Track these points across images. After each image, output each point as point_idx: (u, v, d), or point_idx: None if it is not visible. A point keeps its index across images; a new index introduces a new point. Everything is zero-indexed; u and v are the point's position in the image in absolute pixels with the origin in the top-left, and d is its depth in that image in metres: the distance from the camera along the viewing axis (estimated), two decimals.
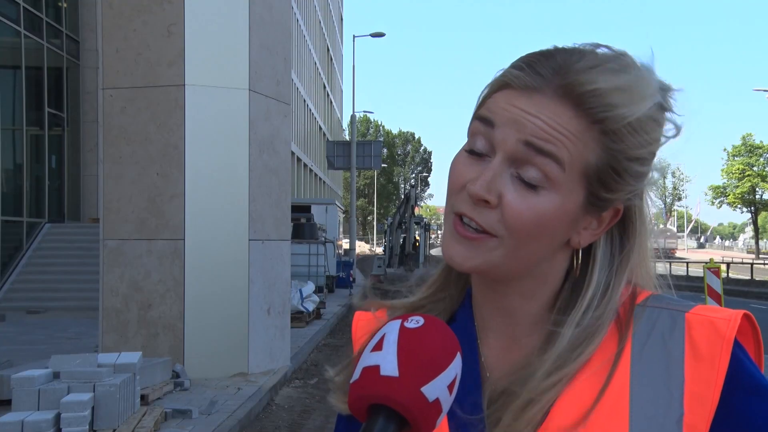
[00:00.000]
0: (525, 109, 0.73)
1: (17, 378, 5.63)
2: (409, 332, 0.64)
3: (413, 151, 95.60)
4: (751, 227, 71.93)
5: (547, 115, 0.72)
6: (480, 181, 0.73)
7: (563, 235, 0.77)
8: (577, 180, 0.74)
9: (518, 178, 0.73)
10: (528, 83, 0.73)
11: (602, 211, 0.77)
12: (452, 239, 0.76)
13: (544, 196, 0.73)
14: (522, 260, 0.76)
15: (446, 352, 0.64)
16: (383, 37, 35.81)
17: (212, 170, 8.14)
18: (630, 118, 0.72)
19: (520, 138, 0.72)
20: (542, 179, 0.73)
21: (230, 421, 6.38)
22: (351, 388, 0.64)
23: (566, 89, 0.72)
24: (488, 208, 0.74)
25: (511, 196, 0.73)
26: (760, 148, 60.91)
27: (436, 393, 0.62)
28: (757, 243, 67.16)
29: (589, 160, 0.73)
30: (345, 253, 28.06)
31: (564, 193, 0.74)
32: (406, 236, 20.19)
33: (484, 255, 0.75)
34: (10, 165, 17.46)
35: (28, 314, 14.18)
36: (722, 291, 9.67)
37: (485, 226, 0.74)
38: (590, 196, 0.75)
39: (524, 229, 0.73)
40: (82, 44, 20.02)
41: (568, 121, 0.72)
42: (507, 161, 0.73)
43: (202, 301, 8.01)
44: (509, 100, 0.74)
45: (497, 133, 0.74)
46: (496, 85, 0.77)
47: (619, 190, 0.76)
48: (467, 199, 0.74)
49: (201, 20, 8.09)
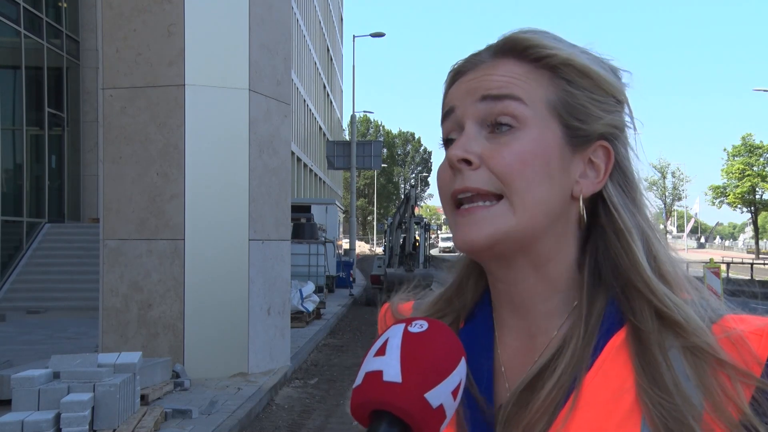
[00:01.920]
0: (474, 77, 0.79)
1: (17, 378, 5.62)
2: (412, 337, 0.63)
3: (413, 151, 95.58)
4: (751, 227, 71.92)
5: (495, 71, 0.78)
6: (455, 145, 0.76)
7: (560, 178, 0.76)
8: (546, 115, 0.76)
9: (492, 135, 0.76)
10: (472, 60, 0.81)
11: (586, 145, 0.78)
12: (459, 224, 0.76)
13: (519, 135, 0.75)
14: (529, 213, 0.75)
15: (450, 357, 0.63)
16: (383, 37, 35.81)
17: (212, 170, 8.14)
18: (563, 53, 0.77)
19: (475, 99, 0.77)
20: (511, 120, 0.75)
21: (230, 421, 6.38)
22: (353, 393, 0.63)
23: (502, 48, 0.79)
24: (473, 171, 0.75)
25: (488, 149, 0.75)
26: (760, 148, 60.85)
27: (439, 399, 0.61)
28: (757, 243, 67.10)
29: (548, 96, 0.77)
30: (345, 253, 28.06)
31: (538, 128, 0.76)
32: (406, 236, 20.13)
33: (491, 222, 0.74)
34: (10, 165, 17.46)
35: (28, 314, 14.18)
36: (722, 291, 9.67)
37: (478, 186, 0.75)
38: (567, 130, 0.77)
39: (514, 172, 0.74)
40: (82, 44, 20.02)
41: (512, 68, 0.77)
42: (477, 125, 0.77)
43: (202, 301, 8.01)
44: (460, 83, 0.80)
45: (458, 111, 0.78)
46: (447, 82, 0.82)
47: (591, 121, 0.78)
48: (453, 178, 0.76)
49: (201, 20, 8.09)
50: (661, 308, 0.73)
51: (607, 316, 0.76)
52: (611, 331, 0.75)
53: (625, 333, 0.74)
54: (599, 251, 0.79)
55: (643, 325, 0.73)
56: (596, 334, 0.75)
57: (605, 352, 0.74)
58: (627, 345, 0.73)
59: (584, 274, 0.78)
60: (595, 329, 0.75)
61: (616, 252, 0.77)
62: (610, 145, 0.79)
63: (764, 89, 39.00)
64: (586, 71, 0.78)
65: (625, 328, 0.75)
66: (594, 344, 0.74)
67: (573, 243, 0.79)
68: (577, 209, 0.78)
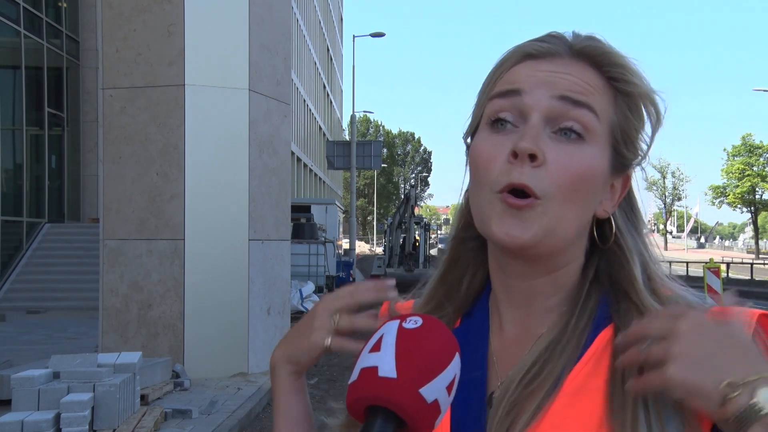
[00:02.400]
0: (552, 70, 0.76)
1: (17, 378, 5.62)
2: (407, 333, 0.64)
3: (413, 151, 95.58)
4: (751, 227, 71.94)
5: (576, 73, 0.76)
6: (527, 136, 0.73)
7: (596, 199, 0.78)
8: (606, 135, 0.77)
9: (556, 136, 0.75)
10: (549, 49, 0.78)
11: (621, 173, 0.80)
12: (501, 214, 0.74)
13: (587, 149, 0.75)
14: (567, 226, 0.75)
15: (445, 353, 0.64)
16: (383, 37, 35.82)
17: (212, 170, 8.14)
18: (641, 87, 0.78)
19: (554, 94, 0.75)
20: (583, 130, 0.75)
21: (230, 421, 6.38)
22: (349, 389, 0.64)
23: (583, 52, 0.77)
24: (534, 168, 0.73)
25: (555, 151, 0.74)
26: (759, 148, 60.89)
27: (434, 394, 0.62)
28: (756, 243, 67.13)
29: (612, 115, 0.77)
30: (345, 253, 28.05)
31: (601, 148, 0.76)
32: (406, 236, 20.15)
33: (537, 222, 0.74)
34: (10, 165, 17.47)
35: (28, 314, 14.18)
36: (722, 291, 9.67)
37: (533, 186, 0.73)
38: (615, 155, 0.78)
39: (571, 184, 0.74)
40: (82, 44, 20.03)
41: (591, 77, 0.77)
42: (543, 120, 0.75)
43: (202, 301, 8.01)
44: (533, 67, 0.77)
45: (527, 98, 0.76)
46: (512, 58, 0.79)
47: (634, 153, 0.79)
48: (510, 168, 0.73)
49: (201, 20, 8.10)
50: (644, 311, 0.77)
51: (598, 314, 0.79)
52: (600, 328, 0.78)
53: (612, 330, 0.77)
54: (601, 261, 0.82)
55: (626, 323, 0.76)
56: (587, 330, 0.78)
57: (593, 347, 0.76)
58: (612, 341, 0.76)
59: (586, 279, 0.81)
60: (586, 325, 0.78)
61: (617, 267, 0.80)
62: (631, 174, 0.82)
63: (764, 89, 39.02)
64: (656, 110, 0.79)
65: (612, 326, 0.78)
66: (584, 339, 0.77)
67: (582, 252, 0.82)
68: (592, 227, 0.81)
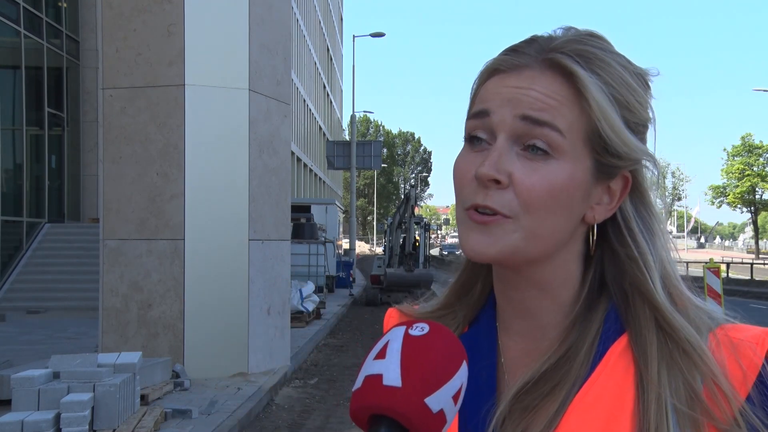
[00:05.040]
0: (517, 85, 0.74)
1: (17, 378, 5.62)
2: (413, 340, 0.62)
3: (413, 151, 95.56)
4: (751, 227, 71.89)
5: (540, 86, 0.74)
6: (487, 162, 0.73)
7: (578, 208, 0.76)
8: (581, 146, 0.74)
9: (524, 153, 0.74)
10: (516, 62, 0.76)
11: (611, 178, 0.77)
12: (468, 229, 0.75)
13: (554, 165, 0.73)
14: (542, 240, 0.75)
15: (451, 362, 0.62)
16: (383, 37, 35.80)
17: (212, 170, 8.13)
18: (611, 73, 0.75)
19: (516, 114, 0.74)
20: (547, 147, 0.73)
21: (230, 421, 6.38)
22: (353, 396, 0.62)
23: (552, 62, 0.74)
24: (500, 190, 0.73)
25: (520, 171, 0.73)
26: (759, 148, 60.87)
27: (440, 404, 0.60)
28: (756, 243, 67.11)
29: (586, 126, 0.74)
30: (345, 253, 28.06)
31: (571, 161, 0.74)
32: (406, 236, 20.12)
33: (504, 239, 0.73)
34: (10, 165, 17.45)
35: (28, 314, 14.17)
36: (722, 291, 9.67)
37: (499, 208, 0.73)
38: (597, 163, 0.75)
39: (539, 202, 0.73)
40: (82, 44, 20.01)
41: (560, 89, 0.74)
42: (510, 140, 0.74)
43: (202, 301, 8.01)
44: (500, 83, 0.76)
45: (494, 117, 0.75)
46: (484, 75, 0.78)
47: (620, 155, 0.76)
48: (477, 189, 0.74)
49: (201, 20, 8.09)
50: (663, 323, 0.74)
51: (607, 323, 0.77)
52: (611, 339, 0.76)
53: (627, 340, 0.75)
54: (605, 268, 0.79)
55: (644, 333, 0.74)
56: (597, 341, 0.76)
57: (606, 358, 0.75)
58: (628, 352, 0.75)
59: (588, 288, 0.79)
60: (596, 336, 0.76)
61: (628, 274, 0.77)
62: (630, 173, 0.78)
63: (764, 89, 38.99)
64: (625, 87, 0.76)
65: (626, 336, 0.76)
66: (595, 351, 0.75)
67: (578, 263, 0.80)
68: (584, 231, 0.79)
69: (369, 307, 18.15)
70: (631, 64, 0.78)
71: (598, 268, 0.80)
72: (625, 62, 0.77)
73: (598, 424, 0.71)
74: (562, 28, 0.79)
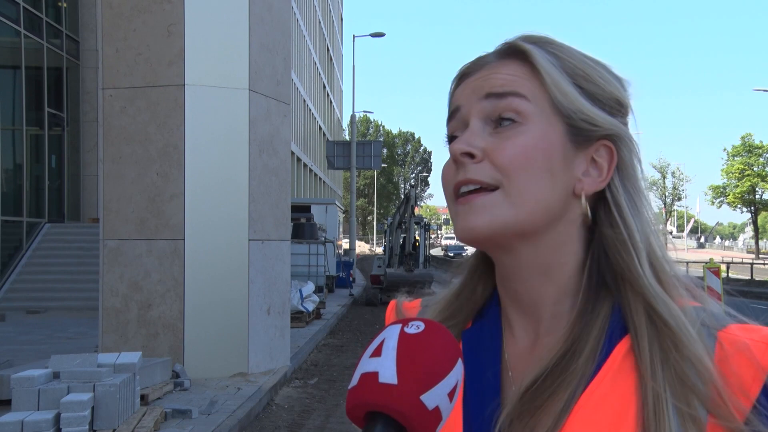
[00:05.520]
0: (479, 77, 0.80)
1: (17, 378, 5.62)
2: (409, 338, 0.63)
3: (413, 151, 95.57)
4: (751, 227, 71.90)
5: (498, 71, 0.80)
6: (459, 139, 0.78)
7: (561, 174, 0.77)
8: (549, 113, 0.78)
9: (495, 131, 0.78)
10: (477, 62, 0.82)
11: (588, 143, 0.79)
12: (459, 213, 0.78)
13: (523, 129, 0.77)
14: (528, 206, 0.75)
15: (447, 359, 0.62)
16: (383, 37, 35.81)
17: (212, 170, 8.13)
18: (566, 52, 0.80)
19: (480, 96, 0.79)
20: (515, 115, 0.77)
21: (230, 421, 6.38)
22: (349, 394, 0.62)
23: (507, 50, 0.81)
24: (476, 164, 0.76)
25: (492, 143, 0.77)
26: (759, 148, 60.86)
27: (435, 401, 0.61)
28: (756, 243, 67.10)
29: (551, 95, 0.78)
30: (345, 253, 28.05)
31: (542, 124, 0.77)
32: (406, 236, 20.13)
33: (491, 211, 0.75)
34: (10, 165, 17.46)
35: (28, 314, 14.17)
36: (722, 291, 9.67)
37: (480, 178, 0.76)
38: (569, 128, 0.78)
39: (517, 165, 0.75)
40: (82, 44, 20.01)
41: (517, 69, 0.79)
42: (481, 122, 0.78)
43: (202, 301, 8.01)
44: (466, 84, 0.82)
45: (463, 109, 0.80)
46: (453, 83, 0.85)
47: (589, 119, 0.78)
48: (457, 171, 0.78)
49: (201, 20, 8.09)
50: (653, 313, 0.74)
51: (612, 322, 0.76)
52: (616, 338, 0.75)
53: (630, 341, 0.75)
54: (601, 253, 0.79)
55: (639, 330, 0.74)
56: (602, 339, 0.75)
57: (612, 358, 0.74)
58: (632, 353, 0.74)
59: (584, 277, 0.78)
60: (601, 334, 0.75)
61: (615, 254, 0.77)
62: (614, 145, 0.79)
63: (764, 89, 38.98)
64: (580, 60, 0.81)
65: (629, 336, 0.75)
66: (599, 350, 0.75)
67: (578, 246, 0.80)
68: (579, 208, 0.79)
69: (369, 307, 18.15)
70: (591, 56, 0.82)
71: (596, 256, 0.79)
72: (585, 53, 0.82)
73: (604, 424, 0.71)
74: None
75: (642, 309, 0.74)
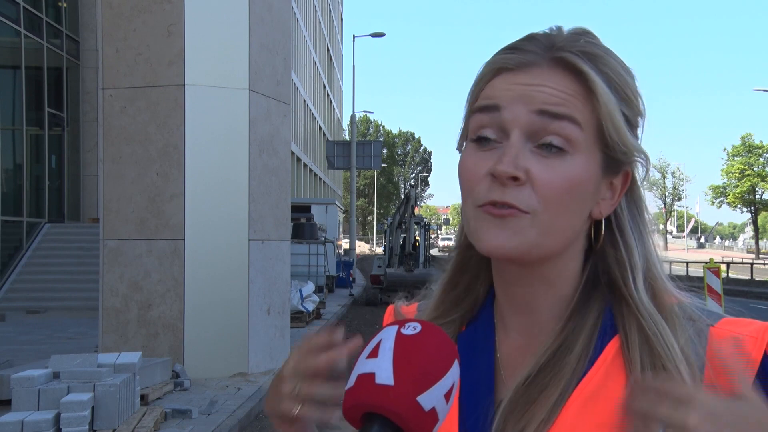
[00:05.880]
0: (528, 82, 0.74)
1: (17, 378, 5.62)
2: (405, 339, 0.63)
3: (413, 151, 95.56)
4: (751, 227, 71.91)
5: (553, 83, 0.74)
6: (505, 159, 0.73)
7: (589, 203, 0.77)
8: (593, 141, 0.75)
9: (538, 151, 0.74)
10: (524, 60, 0.75)
11: (616, 173, 0.78)
12: (485, 224, 0.74)
13: (569, 161, 0.74)
14: (557, 236, 0.75)
15: (443, 360, 0.63)
16: (383, 37, 35.81)
17: (212, 170, 8.13)
18: (612, 68, 0.76)
19: (532, 109, 0.73)
20: (564, 143, 0.73)
21: (230, 421, 6.38)
22: (345, 395, 0.63)
23: (560, 60, 0.75)
24: (518, 186, 0.73)
25: (537, 168, 0.73)
26: (759, 148, 60.87)
27: (432, 402, 0.61)
28: (757, 243, 67.10)
29: (595, 121, 0.75)
30: (345, 253, 28.04)
31: (587, 155, 0.75)
32: (406, 236, 20.13)
33: (521, 233, 0.73)
34: (10, 165, 17.46)
35: (28, 314, 14.17)
36: (722, 291, 9.67)
37: (517, 203, 0.73)
38: (606, 157, 0.76)
39: (558, 198, 0.73)
40: (82, 44, 20.01)
41: (569, 85, 0.74)
42: (524, 136, 0.74)
43: (202, 301, 8.01)
44: (509, 81, 0.75)
45: (506, 113, 0.74)
46: (489, 73, 0.78)
47: (628, 149, 0.77)
48: (492, 186, 0.74)
49: (201, 20, 8.09)
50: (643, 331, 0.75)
51: (604, 321, 0.78)
52: (608, 336, 0.77)
53: (618, 345, 0.76)
54: (600, 263, 0.80)
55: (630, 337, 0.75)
56: (594, 337, 0.77)
57: (604, 355, 0.76)
58: (621, 353, 0.76)
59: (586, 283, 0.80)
60: (593, 332, 0.77)
61: (614, 271, 0.79)
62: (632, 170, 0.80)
63: (764, 89, 39.00)
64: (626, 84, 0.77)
65: (616, 339, 0.77)
66: (591, 349, 0.76)
67: (580, 258, 0.81)
68: (590, 227, 0.80)
69: (369, 307, 18.14)
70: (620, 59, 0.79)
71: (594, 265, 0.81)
72: (617, 57, 0.78)
73: (596, 417, 0.72)
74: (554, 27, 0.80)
75: (634, 322, 0.76)
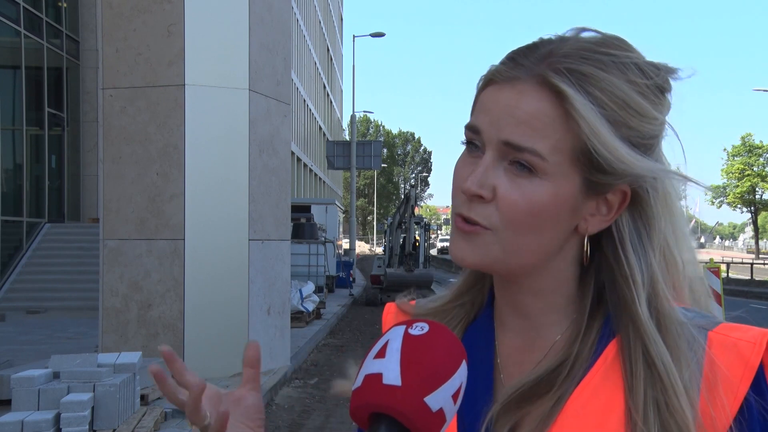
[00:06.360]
0: (507, 102, 0.73)
1: (17, 378, 5.62)
2: (413, 339, 0.63)
3: (413, 151, 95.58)
4: (751, 227, 71.89)
5: (527, 104, 0.72)
6: (472, 176, 0.74)
7: (566, 223, 0.76)
8: (567, 165, 0.73)
9: (511, 168, 0.74)
10: (510, 75, 0.74)
11: (603, 193, 0.75)
12: (454, 237, 0.78)
13: (537, 184, 0.73)
14: (525, 254, 0.75)
15: (451, 361, 0.62)
16: (383, 37, 35.81)
17: (212, 170, 8.13)
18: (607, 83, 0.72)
19: (500, 138, 0.74)
20: (531, 166, 0.73)
21: None
22: (353, 395, 0.62)
23: (544, 78, 0.72)
24: (483, 203, 0.74)
25: (504, 186, 0.73)
26: (759, 148, 60.86)
27: (439, 403, 0.61)
28: (757, 243, 67.11)
29: (576, 144, 0.72)
30: (345, 253, 28.05)
31: (556, 181, 0.73)
32: (406, 236, 20.13)
33: (483, 249, 0.75)
34: (10, 165, 17.45)
35: (28, 314, 14.17)
36: (722, 291, 9.66)
37: (479, 219, 0.74)
38: (586, 180, 0.74)
39: (519, 219, 0.73)
40: (82, 44, 20.01)
41: (547, 108, 0.72)
42: (497, 156, 0.74)
43: (202, 301, 8.00)
44: (494, 95, 0.75)
45: (483, 135, 0.75)
46: (482, 83, 0.78)
47: (614, 172, 0.73)
48: (464, 199, 0.76)
49: (201, 20, 8.09)
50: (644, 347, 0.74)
51: (604, 327, 0.77)
52: (606, 340, 0.77)
53: (616, 348, 0.76)
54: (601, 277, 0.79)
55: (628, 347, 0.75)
56: (593, 346, 0.77)
57: (601, 360, 0.76)
58: (618, 361, 0.75)
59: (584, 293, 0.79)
60: (593, 342, 0.77)
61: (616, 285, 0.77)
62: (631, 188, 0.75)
63: (764, 89, 38.97)
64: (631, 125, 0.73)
65: (615, 342, 0.76)
66: (590, 357, 0.76)
67: (573, 268, 0.80)
68: (579, 242, 0.79)
69: (369, 307, 18.15)
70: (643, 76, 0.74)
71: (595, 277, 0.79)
72: (635, 75, 0.74)
73: (594, 418, 0.72)
74: (574, 29, 0.77)
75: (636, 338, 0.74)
